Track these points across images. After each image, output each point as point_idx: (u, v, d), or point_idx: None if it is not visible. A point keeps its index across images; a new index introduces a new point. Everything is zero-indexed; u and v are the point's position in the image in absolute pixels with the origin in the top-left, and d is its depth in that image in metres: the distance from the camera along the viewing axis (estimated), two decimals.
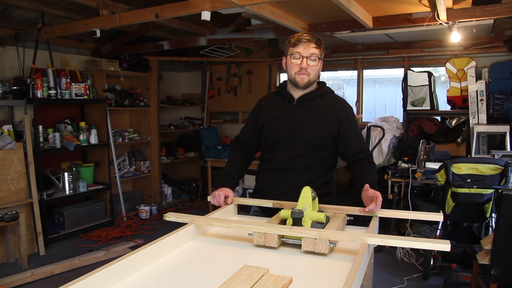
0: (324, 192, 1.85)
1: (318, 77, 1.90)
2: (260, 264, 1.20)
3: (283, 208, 1.64)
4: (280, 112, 1.85)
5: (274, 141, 1.85)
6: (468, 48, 4.53)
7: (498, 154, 3.67)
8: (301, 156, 1.81)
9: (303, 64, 1.74)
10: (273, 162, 1.86)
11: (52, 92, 4.30)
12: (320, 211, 1.55)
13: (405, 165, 4.04)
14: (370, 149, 4.26)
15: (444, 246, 1.24)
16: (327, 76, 5.86)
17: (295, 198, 1.54)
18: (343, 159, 1.87)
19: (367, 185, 1.59)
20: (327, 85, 1.94)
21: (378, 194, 1.54)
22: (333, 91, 1.94)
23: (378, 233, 1.64)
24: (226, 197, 1.80)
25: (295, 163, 1.82)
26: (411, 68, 4.73)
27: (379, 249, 3.89)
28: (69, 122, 4.74)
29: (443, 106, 4.70)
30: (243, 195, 5.36)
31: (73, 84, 4.50)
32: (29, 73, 4.15)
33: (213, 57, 5.65)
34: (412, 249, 3.82)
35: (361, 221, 1.90)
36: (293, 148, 1.81)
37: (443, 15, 3.24)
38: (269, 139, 1.87)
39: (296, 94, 1.84)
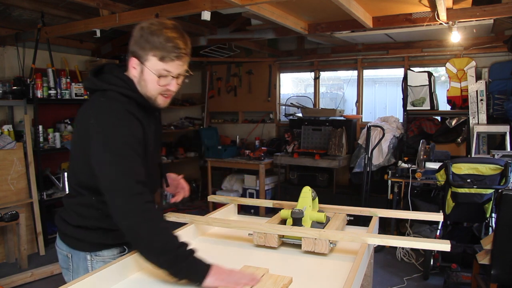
0: None
1: None
2: (260, 264, 1.20)
3: (283, 208, 1.64)
4: (154, 126, 1.41)
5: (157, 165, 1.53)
6: (468, 48, 4.53)
7: (498, 154, 3.67)
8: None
9: (172, 86, 1.31)
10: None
11: (52, 92, 4.30)
12: (320, 211, 1.56)
13: (405, 165, 4.04)
14: (370, 149, 4.26)
15: (444, 246, 1.24)
16: (327, 76, 5.85)
17: None
18: None
19: None
20: None
21: None
22: None
23: (378, 233, 1.64)
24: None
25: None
26: (411, 68, 4.73)
27: (379, 249, 3.89)
28: (69, 122, 4.73)
29: (443, 106, 4.70)
30: (243, 195, 5.36)
31: (73, 84, 4.50)
32: (29, 73, 4.15)
33: (213, 57, 5.65)
34: (412, 249, 3.82)
35: (361, 221, 1.90)
36: (158, 162, 1.56)
37: (443, 15, 3.24)
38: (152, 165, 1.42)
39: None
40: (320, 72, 5.64)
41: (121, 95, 1.28)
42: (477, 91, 4.19)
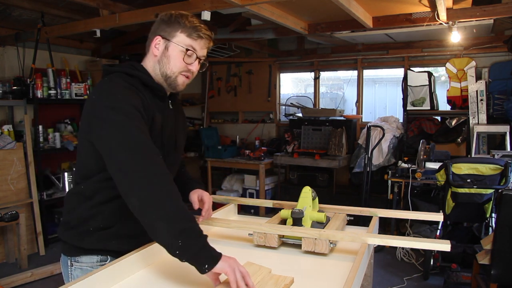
0: None
1: None
2: (260, 264, 1.20)
3: (283, 208, 1.64)
4: (162, 114, 1.32)
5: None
6: (468, 48, 4.53)
7: (498, 154, 3.67)
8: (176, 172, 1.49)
9: (194, 66, 1.31)
10: None
11: (52, 92, 4.30)
12: (320, 211, 1.56)
13: (405, 165, 4.04)
14: (370, 149, 4.26)
15: (444, 246, 1.24)
16: (327, 76, 5.85)
17: None
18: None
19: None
20: None
21: None
22: None
23: (378, 233, 1.64)
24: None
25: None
26: (411, 68, 4.73)
27: (379, 249, 3.89)
28: (69, 122, 4.74)
29: (443, 106, 4.70)
30: (243, 195, 5.36)
31: (73, 84, 4.50)
32: (29, 73, 4.15)
33: (213, 57, 5.65)
34: (412, 249, 3.82)
35: (361, 221, 1.90)
36: (173, 166, 1.41)
37: (443, 15, 3.24)
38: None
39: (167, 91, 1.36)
40: (320, 72, 5.64)
41: (125, 74, 1.25)
42: (477, 91, 4.19)
